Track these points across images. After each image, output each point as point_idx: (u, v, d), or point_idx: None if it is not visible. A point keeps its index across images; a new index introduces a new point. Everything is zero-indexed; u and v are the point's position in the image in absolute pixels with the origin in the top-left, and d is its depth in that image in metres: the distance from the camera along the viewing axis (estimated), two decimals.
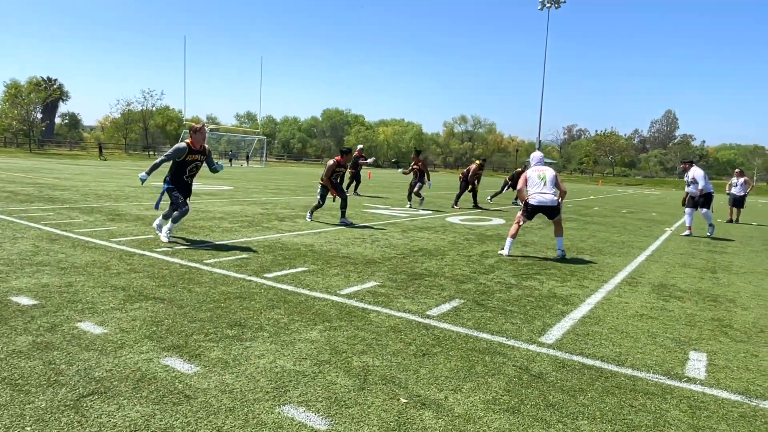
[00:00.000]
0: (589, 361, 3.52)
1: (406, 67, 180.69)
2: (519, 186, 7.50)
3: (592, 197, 27.41)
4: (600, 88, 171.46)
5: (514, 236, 7.48)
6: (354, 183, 17.90)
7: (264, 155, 57.83)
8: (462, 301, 4.82)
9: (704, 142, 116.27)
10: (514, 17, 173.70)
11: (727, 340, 4.16)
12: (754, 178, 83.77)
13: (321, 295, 4.69)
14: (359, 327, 3.90)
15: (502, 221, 12.05)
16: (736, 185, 16.22)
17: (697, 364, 3.59)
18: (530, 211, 7.36)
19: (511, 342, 3.80)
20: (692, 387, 3.20)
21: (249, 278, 5.15)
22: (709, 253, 8.97)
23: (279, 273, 5.45)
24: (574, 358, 3.57)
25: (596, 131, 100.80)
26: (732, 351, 3.91)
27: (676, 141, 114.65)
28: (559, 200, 7.36)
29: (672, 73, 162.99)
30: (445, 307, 4.59)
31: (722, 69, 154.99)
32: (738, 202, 16.21)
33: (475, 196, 15.68)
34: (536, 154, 7.74)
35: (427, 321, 4.15)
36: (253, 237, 7.66)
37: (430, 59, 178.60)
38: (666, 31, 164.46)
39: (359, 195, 17.68)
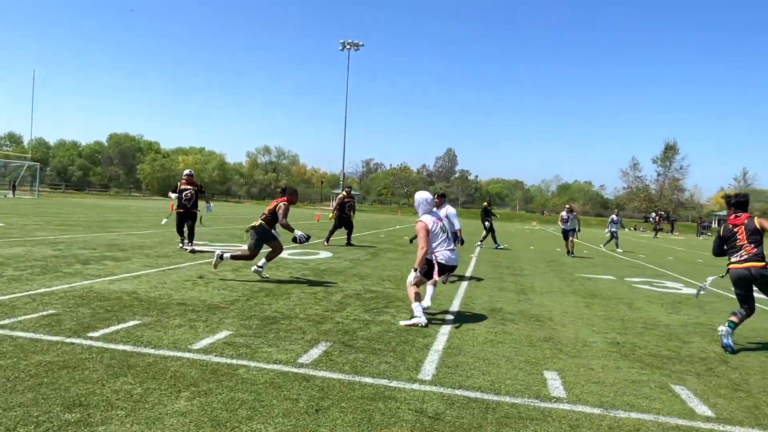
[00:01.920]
0: (472, 394, 3.62)
1: (205, 93, 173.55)
2: (421, 242, 5.80)
3: (398, 227, 29.36)
4: (392, 125, 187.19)
5: (418, 299, 5.74)
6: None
7: (36, 184, 49.35)
8: (329, 343, 4.62)
9: (477, 176, 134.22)
10: (316, 52, 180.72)
11: (565, 357, 4.71)
12: (516, 208, 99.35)
13: (172, 353, 4.03)
14: (232, 387, 3.43)
15: (329, 254, 12.10)
16: (567, 220, 16.78)
17: (554, 383, 3.97)
18: (438, 270, 5.84)
19: (394, 383, 3.72)
20: (562, 406, 3.50)
21: (69, 340, 4.19)
22: (513, 276, 10.23)
23: (107, 330, 4.56)
24: (457, 392, 3.64)
25: (390, 165, 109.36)
26: (573, 367, 4.43)
27: (456, 176, 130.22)
28: None
29: (452, 115, 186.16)
30: (315, 352, 4.33)
31: (494, 113, 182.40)
32: (570, 235, 16.76)
33: (350, 233, 14.89)
34: (425, 197, 6.13)
35: (303, 371, 3.85)
36: (54, 286, 6.33)
37: (232, 88, 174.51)
38: (445, 76, 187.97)
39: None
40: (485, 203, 18.69)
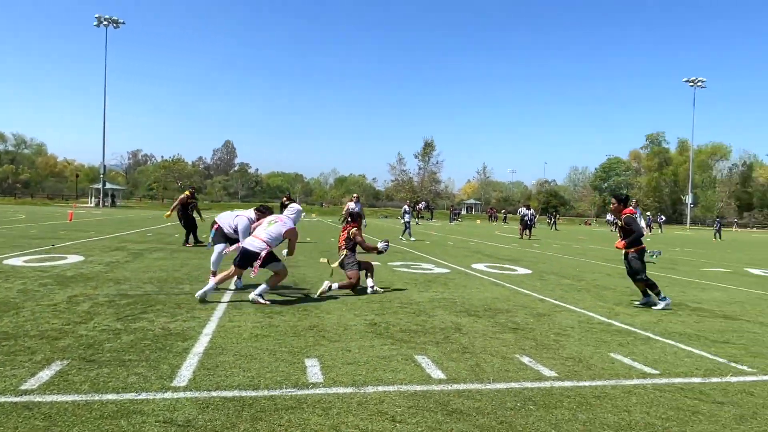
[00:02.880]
0: (229, 393, 3.55)
1: None
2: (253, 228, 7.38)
3: (170, 224, 27.23)
4: (164, 113, 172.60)
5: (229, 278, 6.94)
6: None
7: None
8: (65, 362, 4.02)
9: (258, 169, 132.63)
10: (65, 21, 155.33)
11: (326, 343, 4.94)
12: (297, 201, 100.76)
13: None
14: None
15: (80, 258, 10.57)
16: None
17: (313, 369, 4.13)
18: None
19: (143, 396, 3.42)
20: (318, 391, 3.67)
21: None
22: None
23: None
24: (214, 394, 3.53)
25: (162, 157, 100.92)
26: (333, 351, 4.67)
27: (236, 169, 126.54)
28: (266, 250, 6.71)
29: (231, 105, 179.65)
30: (45, 374, 3.73)
31: (274, 105, 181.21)
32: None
33: (195, 231, 14.92)
34: (294, 207, 7.55)
35: (26, 399, 3.28)
36: None
37: None
38: (224, 61, 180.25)
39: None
40: (285, 198, 18.51)
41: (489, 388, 3.87)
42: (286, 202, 17.72)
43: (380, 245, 8.39)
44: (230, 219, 7.97)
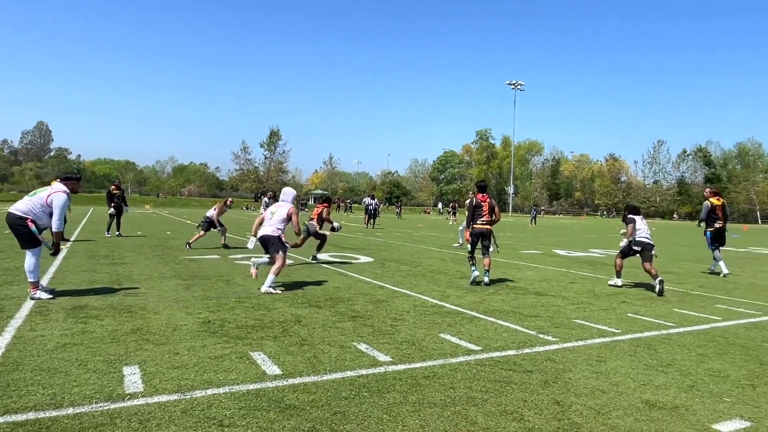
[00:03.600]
0: (21, 417, 3.02)
1: None
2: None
3: None
4: None
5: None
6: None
7: None
8: None
9: (80, 156, 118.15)
10: None
11: (151, 347, 4.50)
12: (129, 191, 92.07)
13: None
14: None
15: None
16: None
17: (133, 378, 3.72)
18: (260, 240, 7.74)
19: None
20: (136, 402, 3.30)
21: None
22: (111, 266, 9.32)
23: None
24: (0, 420, 2.97)
25: None
26: (158, 355, 4.27)
27: (52, 154, 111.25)
28: (280, 234, 7.58)
29: (43, 83, 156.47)
30: None
31: (95, 84, 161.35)
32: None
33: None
34: (288, 190, 8.13)
35: None
36: None
37: None
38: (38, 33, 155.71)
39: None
40: (113, 187, 16.69)
41: (325, 379, 3.85)
42: (115, 192, 16.24)
43: (335, 224, 11.54)
44: (39, 202, 6.26)
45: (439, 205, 79.06)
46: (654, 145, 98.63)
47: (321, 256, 11.56)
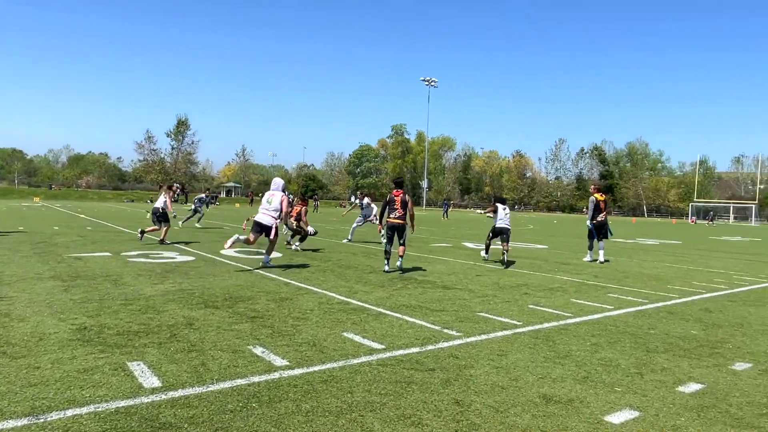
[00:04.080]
0: None
1: None
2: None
3: None
4: None
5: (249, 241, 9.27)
6: None
7: None
8: None
9: None
10: None
11: (6, 361, 3.89)
12: (16, 182, 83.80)
13: None
14: None
15: None
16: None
17: None
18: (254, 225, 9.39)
19: None
20: None
21: None
22: None
23: None
24: None
25: None
26: (13, 371, 3.68)
27: None
28: (276, 222, 9.33)
29: None
30: None
31: None
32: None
33: None
34: (277, 180, 9.90)
35: None
36: None
37: None
38: None
39: None
40: None
41: (210, 390, 3.49)
42: None
43: (310, 229, 12.74)
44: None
45: (353, 198, 79.11)
46: (556, 143, 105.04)
47: (226, 252, 10.97)
